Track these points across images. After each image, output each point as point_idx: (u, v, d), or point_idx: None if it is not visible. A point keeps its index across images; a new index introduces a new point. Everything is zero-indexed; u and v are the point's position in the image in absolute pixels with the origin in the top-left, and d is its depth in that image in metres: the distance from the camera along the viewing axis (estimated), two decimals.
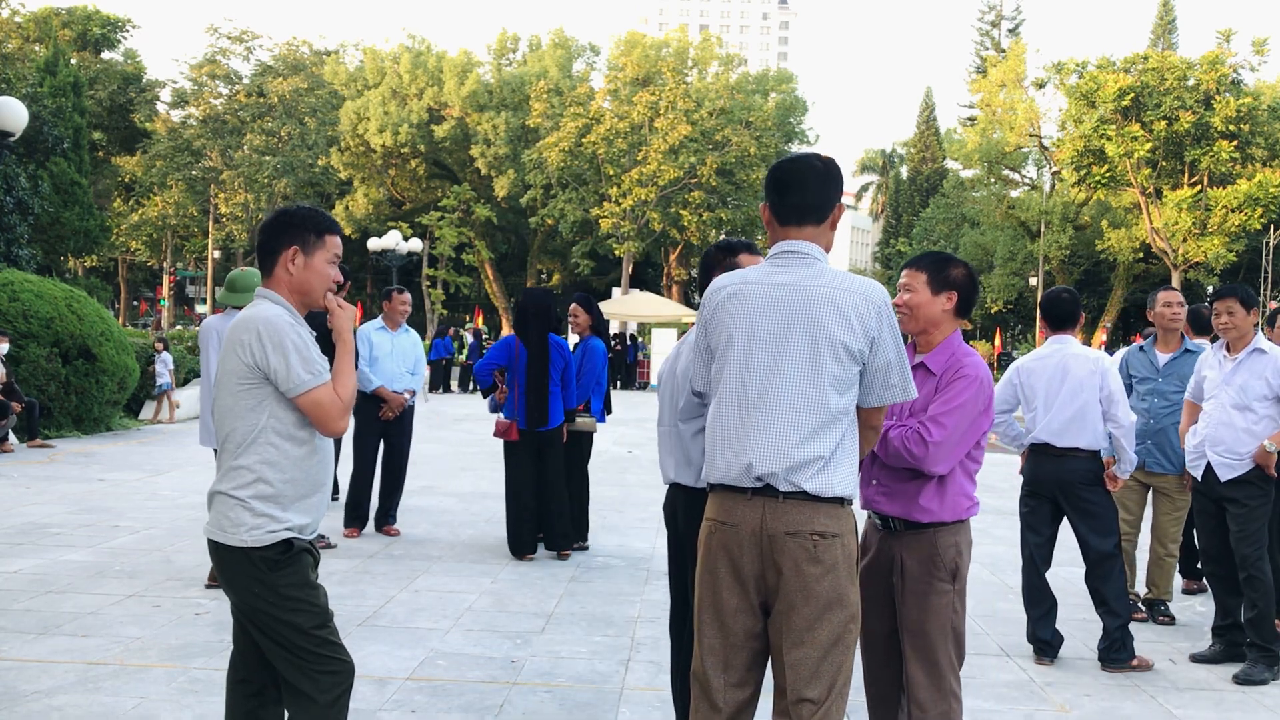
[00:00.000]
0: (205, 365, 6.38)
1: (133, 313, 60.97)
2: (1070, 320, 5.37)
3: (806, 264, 2.88)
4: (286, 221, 3.14)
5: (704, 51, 50.26)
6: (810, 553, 2.77)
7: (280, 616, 2.99)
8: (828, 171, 2.95)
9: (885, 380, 2.86)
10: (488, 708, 4.43)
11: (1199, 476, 5.39)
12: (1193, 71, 36.27)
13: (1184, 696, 4.89)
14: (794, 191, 2.93)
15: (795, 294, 2.83)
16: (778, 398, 2.80)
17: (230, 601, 3.10)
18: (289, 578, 2.99)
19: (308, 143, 45.56)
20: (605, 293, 48.67)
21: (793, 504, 2.78)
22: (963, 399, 3.32)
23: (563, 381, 7.39)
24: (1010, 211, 44.93)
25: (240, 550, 2.97)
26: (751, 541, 2.82)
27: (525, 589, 6.51)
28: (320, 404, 2.98)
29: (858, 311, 2.80)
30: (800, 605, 2.77)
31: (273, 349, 2.96)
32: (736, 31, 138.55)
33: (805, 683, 2.77)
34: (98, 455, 12.33)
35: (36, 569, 6.60)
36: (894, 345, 2.86)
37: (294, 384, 2.96)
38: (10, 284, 13.56)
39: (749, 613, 2.86)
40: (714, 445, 2.90)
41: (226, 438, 3.04)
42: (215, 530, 3.02)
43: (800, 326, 2.80)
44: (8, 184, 22.91)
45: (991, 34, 59.26)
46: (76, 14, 49.65)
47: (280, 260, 3.12)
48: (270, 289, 3.14)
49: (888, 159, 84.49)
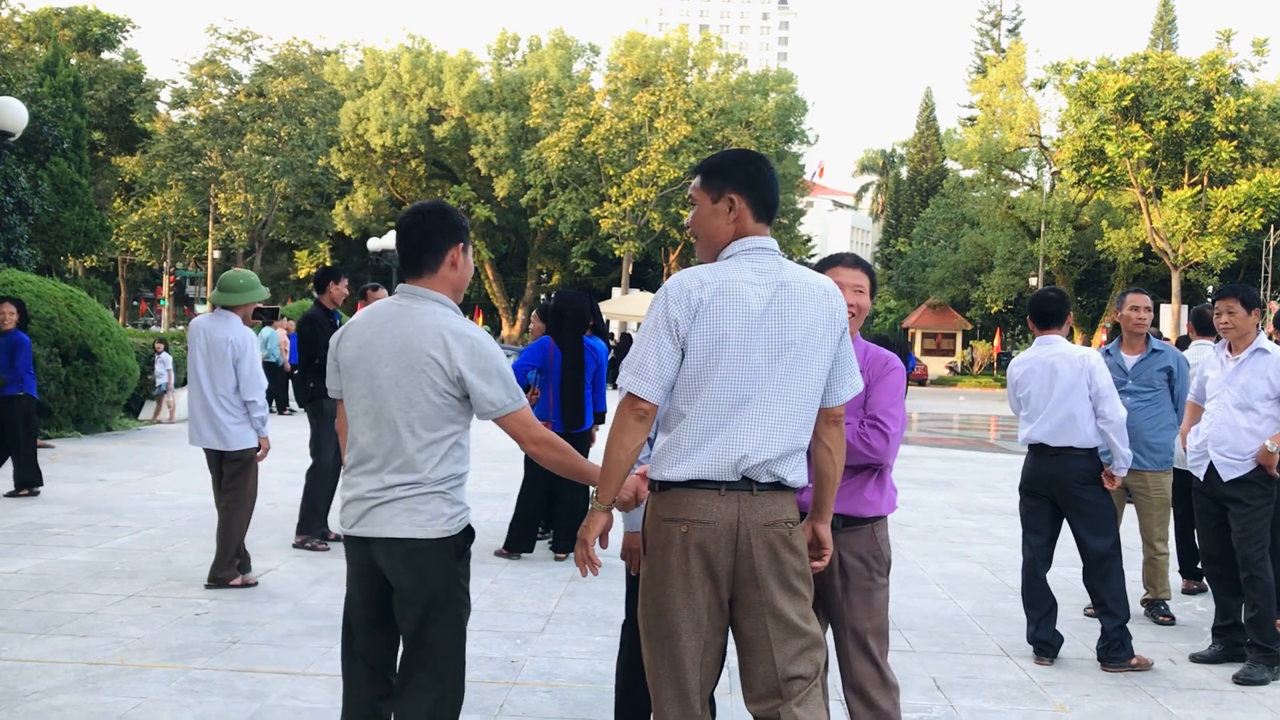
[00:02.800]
0: (193, 365, 6.37)
1: (133, 312, 60.98)
2: (1057, 320, 5.38)
3: (777, 259, 2.92)
4: (455, 221, 3.16)
5: (704, 52, 50.28)
6: (786, 540, 2.85)
7: (459, 604, 3.12)
8: (776, 173, 3.09)
9: (850, 371, 2.97)
10: (488, 708, 4.43)
11: (1201, 476, 5.39)
12: (1193, 72, 36.27)
13: (1184, 696, 4.89)
14: (771, 190, 2.96)
15: (776, 290, 2.86)
16: (771, 393, 2.82)
17: (400, 605, 3.08)
18: (467, 565, 3.18)
19: (308, 143, 45.58)
20: (605, 293, 48.72)
21: (766, 495, 2.83)
22: (901, 390, 3.47)
23: (593, 384, 7.41)
24: (1010, 211, 44.91)
25: (438, 540, 3.04)
26: (728, 536, 2.81)
27: (525, 589, 6.51)
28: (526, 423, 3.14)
29: (829, 305, 2.90)
30: (778, 590, 2.83)
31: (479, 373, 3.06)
32: (736, 31, 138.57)
33: (791, 661, 2.83)
34: (98, 455, 12.33)
35: (36, 569, 6.61)
36: (848, 338, 3.00)
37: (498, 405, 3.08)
38: (10, 284, 13.56)
39: (718, 608, 2.87)
40: (688, 442, 2.82)
41: (404, 437, 3.04)
42: (409, 526, 3.02)
43: (783, 323, 2.84)
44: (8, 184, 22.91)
45: (991, 34, 59.25)
46: (76, 14, 49.66)
47: (446, 258, 3.13)
48: (433, 289, 3.13)
49: (888, 159, 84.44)
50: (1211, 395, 5.39)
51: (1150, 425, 6.10)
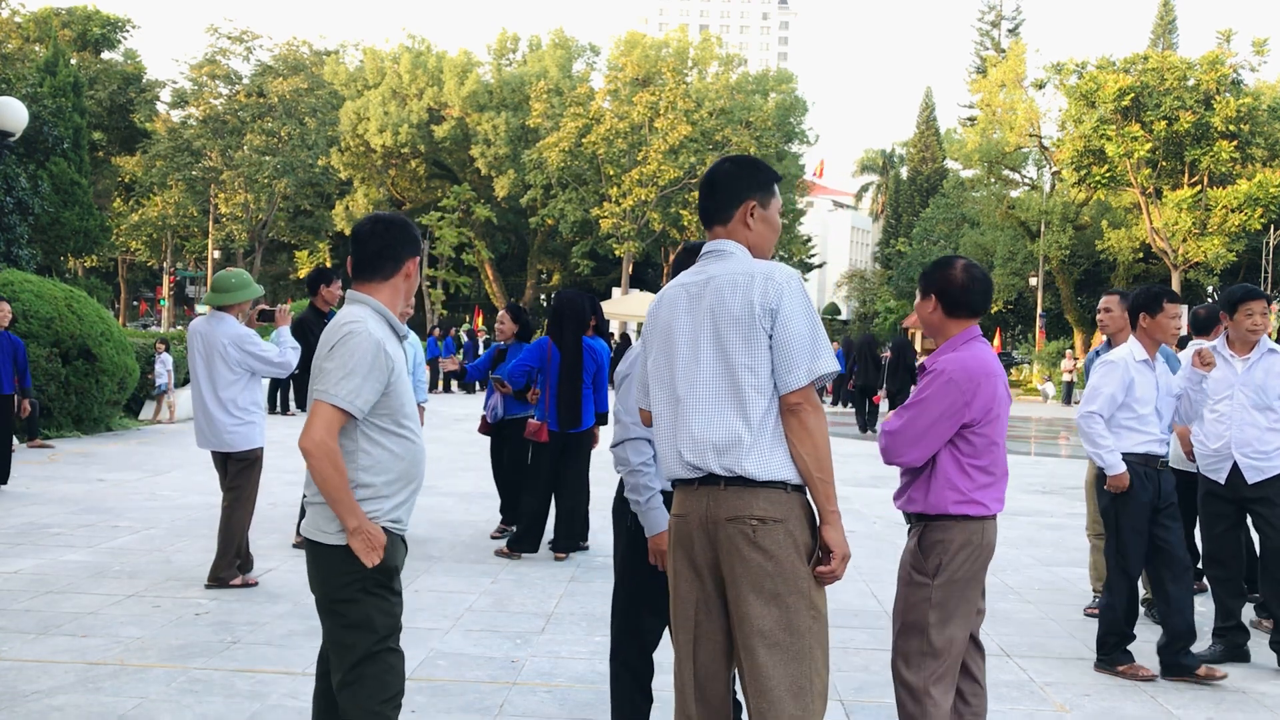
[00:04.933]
0: (193, 368, 6.37)
1: (133, 312, 60.97)
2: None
3: (721, 258, 2.96)
4: (414, 234, 3.19)
5: (704, 51, 50.30)
6: (749, 537, 2.77)
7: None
8: (723, 175, 3.04)
9: (798, 356, 2.78)
10: (488, 708, 4.43)
11: (1222, 480, 5.39)
12: (1193, 72, 36.25)
13: (1184, 696, 4.89)
14: (704, 196, 3.06)
15: (704, 286, 2.92)
16: (700, 386, 2.87)
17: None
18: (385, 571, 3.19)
19: (308, 143, 45.59)
20: (605, 293, 48.70)
21: (733, 490, 2.81)
22: (926, 392, 3.41)
23: (594, 384, 7.41)
24: (1010, 211, 44.89)
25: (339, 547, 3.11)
26: (700, 530, 2.87)
27: (525, 589, 6.51)
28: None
29: (759, 286, 2.82)
30: (748, 593, 2.79)
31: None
32: (736, 31, 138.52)
33: (756, 676, 2.78)
34: (98, 455, 12.33)
35: (36, 569, 6.60)
36: (799, 321, 2.80)
37: None
38: (10, 284, 13.56)
39: (706, 602, 2.89)
40: (658, 445, 3.02)
41: None
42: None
43: (708, 315, 2.88)
44: (8, 184, 22.91)
45: (991, 34, 59.22)
46: (76, 14, 49.67)
47: (403, 269, 3.16)
48: (373, 296, 3.13)
49: (888, 159, 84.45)
50: (1219, 396, 5.40)
51: None
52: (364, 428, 3.01)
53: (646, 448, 3.52)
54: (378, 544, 2.98)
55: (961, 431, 3.39)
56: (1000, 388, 3.44)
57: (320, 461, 2.91)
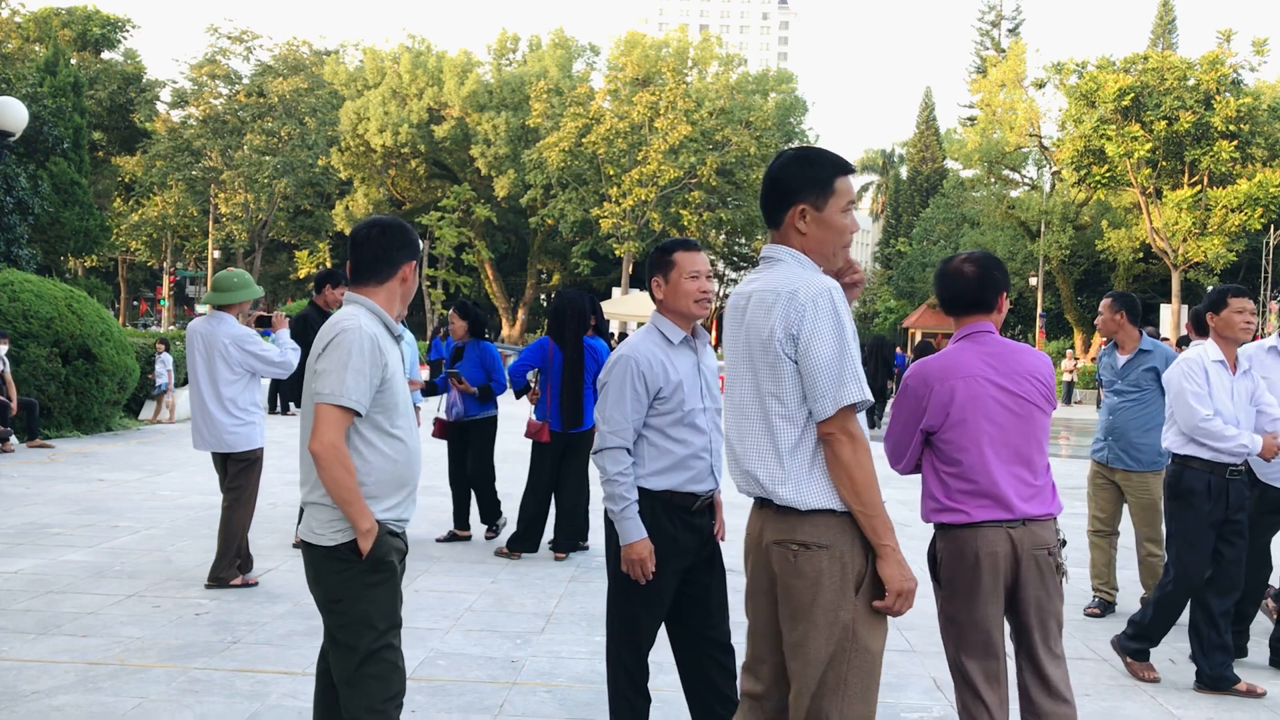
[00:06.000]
0: (192, 368, 6.36)
1: (133, 313, 60.98)
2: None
3: (770, 267, 2.82)
4: (412, 238, 3.19)
5: (704, 51, 50.29)
6: (791, 564, 2.70)
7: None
8: (772, 177, 2.85)
9: (826, 384, 2.62)
10: (488, 708, 4.43)
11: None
12: (1193, 71, 36.24)
13: (1184, 696, 4.89)
14: (760, 195, 2.92)
15: (747, 300, 2.82)
16: (739, 409, 2.83)
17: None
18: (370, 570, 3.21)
19: (308, 143, 45.61)
20: (605, 293, 48.72)
21: (782, 514, 2.74)
22: (895, 399, 3.48)
23: (595, 384, 7.38)
24: (1010, 211, 44.91)
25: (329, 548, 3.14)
26: (756, 550, 2.87)
27: (525, 589, 6.51)
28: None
29: (781, 309, 2.67)
30: (788, 617, 2.75)
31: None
32: (736, 31, 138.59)
33: (805, 701, 2.72)
34: (98, 455, 12.33)
35: (36, 569, 6.60)
36: (823, 346, 2.62)
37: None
38: (10, 284, 13.55)
39: (764, 620, 2.89)
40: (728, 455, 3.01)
41: None
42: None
43: (745, 335, 2.80)
44: (8, 184, 22.92)
45: (991, 34, 59.24)
46: (76, 14, 49.68)
47: (399, 272, 3.15)
48: (370, 299, 3.13)
49: (888, 159, 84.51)
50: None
51: (1137, 425, 6.08)
52: (359, 427, 3.01)
53: (624, 457, 3.48)
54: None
55: (929, 438, 3.33)
56: (963, 390, 3.22)
57: (332, 465, 2.91)
